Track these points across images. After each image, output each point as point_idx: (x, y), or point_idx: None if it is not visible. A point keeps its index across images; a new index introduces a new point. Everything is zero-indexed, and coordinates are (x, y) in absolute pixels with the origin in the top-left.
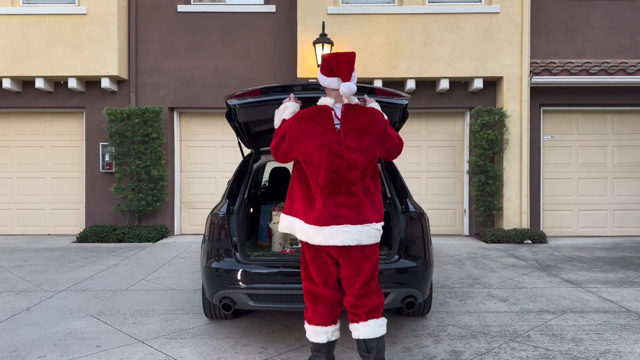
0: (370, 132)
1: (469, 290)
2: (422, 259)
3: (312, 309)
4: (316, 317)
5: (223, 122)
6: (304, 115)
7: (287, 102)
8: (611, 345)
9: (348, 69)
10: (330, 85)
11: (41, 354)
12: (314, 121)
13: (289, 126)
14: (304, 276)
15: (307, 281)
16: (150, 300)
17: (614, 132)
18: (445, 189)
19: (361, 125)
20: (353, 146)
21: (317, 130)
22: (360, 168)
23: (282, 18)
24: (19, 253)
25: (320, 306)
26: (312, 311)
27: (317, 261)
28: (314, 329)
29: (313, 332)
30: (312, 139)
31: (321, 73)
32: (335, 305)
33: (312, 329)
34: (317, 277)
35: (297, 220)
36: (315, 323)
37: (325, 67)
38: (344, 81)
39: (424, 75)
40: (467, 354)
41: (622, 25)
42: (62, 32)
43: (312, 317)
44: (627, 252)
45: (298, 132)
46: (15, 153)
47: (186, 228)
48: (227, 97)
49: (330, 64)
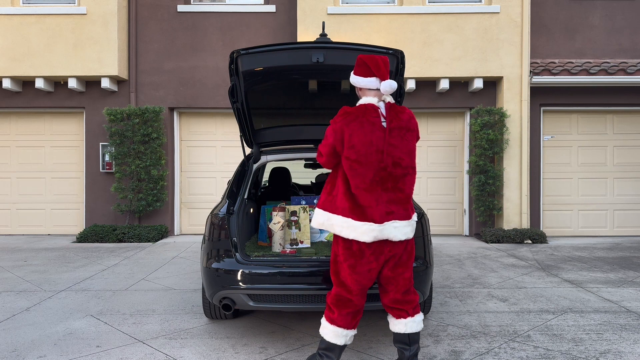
0: (412, 129)
1: (469, 290)
2: (422, 259)
3: (339, 312)
4: (342, 320)
5: (223, 122)
6: (350, 113)
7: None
8: (611, 345)
9: (385, 69)
10: (368, 85)
11: (41, 354)
12: (362, 118)
13: (334, 122)
14: (336, 281)
15: (340, 287)
16: (150, 300)
17: (614, 132)
18: (445, 189)
19: (404, 123)
20: (398, 144)
21: (366, 127)
22: (405, 164)
23: (282, 18)
24: (19, 253)
25: (348, 310)
26: (338, 314)
27: (359, 269)
28: (337, 331)
29: (334, 333)
30: (361, 136)
31: (357, 75)
32: (361, 310)
33: (334, 330)
34: (353, 285)
35: (338, 217)
36: (340, 325)
37: (363, 69)
38: (383, 80)
39: (424, 75)
40: (467, 354)
41: (622, 25)
42: (62, 32)
43: (338, 319)
44: (627, 252)
45: (347, 129)
46: (15, 153)
47: (186, 228)
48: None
49: (369, 65)
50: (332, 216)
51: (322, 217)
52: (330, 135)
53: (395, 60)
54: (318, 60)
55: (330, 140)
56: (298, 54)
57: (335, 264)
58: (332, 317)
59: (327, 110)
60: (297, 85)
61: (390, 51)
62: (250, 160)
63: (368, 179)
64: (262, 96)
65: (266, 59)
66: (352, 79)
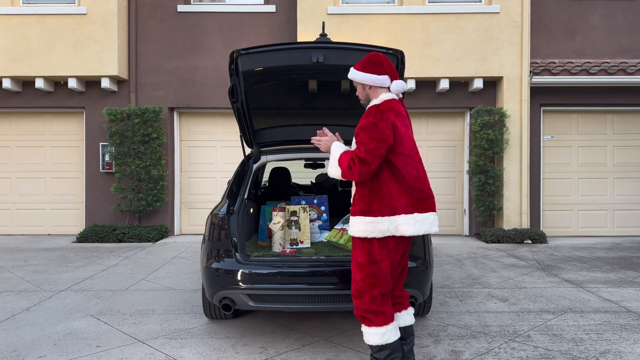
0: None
1: (469, 290)
2: (422, 259)
3: (384, 309)
4: (386, 317)
5: (223, 122)
6: (391, 108)
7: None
8: (611, 345)
9: (395, 68)
10: (382, 82)
11: (41, 354)
12: (400, 114)
13: (384, 118)
14: (373, 282)
15: (380, 286)
16: (150, 300)
17: (614, 132)
18: (445, 189)
19: (409, 119)
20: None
21: (405, 122)
22: (419, 156)
23: (282, 18)
24: (19, 253)
25: (388, 305)
26: (383, 316)
27: (395, 263)
28: (392, 326)
29: (393, 329)
30: (404, 129)
31: (369, 72)
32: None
33: (391, 327)
34: (391, 280)
35: (402, 216)
36: (392, 320)
37: (377, 66)
38: (394, 79)
39: (424, 75)
40: (467, 354)
41: (622, 25)
42: (62, 32)
43: (390, 317)
44: (627, 252)
45: (396, 123)
46: (15, 153)
47: (186, 228)
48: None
49: (383, 63)
50: (396, 218)
51: (384, 224)
52: (383, 132)
53: (395, 60)
54: (318, 60)
55: (385, 135)
56: (298, 54)
57: (370, 265)
58: (384, 316)
59: (327, 110)
60: (297, 85)
61: (390, 51)
62: (250, 160)
63: (422, 171)
64: (262, 96)
65: (266, 59)
66: (363, 76)
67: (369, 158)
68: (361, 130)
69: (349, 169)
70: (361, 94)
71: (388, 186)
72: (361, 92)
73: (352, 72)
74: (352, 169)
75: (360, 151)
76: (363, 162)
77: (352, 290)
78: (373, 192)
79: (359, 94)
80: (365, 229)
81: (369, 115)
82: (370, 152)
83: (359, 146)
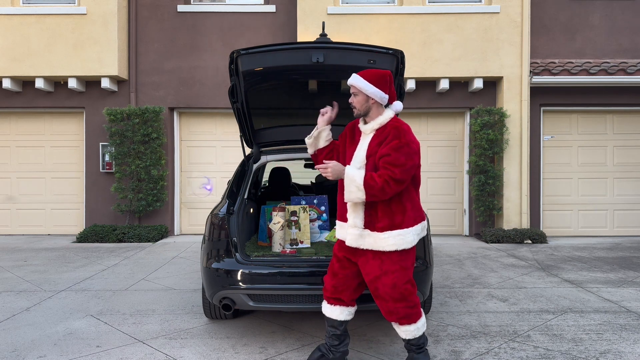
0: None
1: (469, 290)
2: (422, 260)
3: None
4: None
5: (223, 122)
6: (409, 128)
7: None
8: (611, 345)
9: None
10: (384, 100)
11: (41, 354)
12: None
13: (416, 142)
14: (413, 286)
15: (415, 286)
16: (150, 300)
17: (614, 132)
18: (445, 189)
19: None
20: None
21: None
22: None
23: (282, 18)
24: (19, 253)
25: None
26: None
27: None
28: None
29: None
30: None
31: (379, 88)
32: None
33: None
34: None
35: (425, 221)
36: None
37: (387, 85)
38: (394, 99)
39: (423, 75)
40: (467, 354)
41: (622, 25)
42: (62, 32)
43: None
44: (627, 252)
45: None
46: (15, 153)
47: (186, 228)
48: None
49: (391, 84)
50: (424, 222)
51: (418, 229)
52: (417, 152)
53: (395, 60)
54: (318, 60)
55: (419, 155)
56: (298, 54)
57: (410, 270)
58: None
59: None
60: (297, 85)
61: (390, 51)
62: (250, 160)
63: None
64: (262, 96)
65: (266, 59)
66: (375, 90)
67: (406, 177)
68: (394, 151)
69: (382, 191)
70: (360, 105)
71: (411, 198)
72: (362, 103)
73: (362, 82)
74: (387, 190)
75: (395, 173)
76: (400, 182)
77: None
78: (399, 207)
79: (358, 103)
80: (420, 232)
81: (396, 137)
82: (407, 171)
83: (394, 168)
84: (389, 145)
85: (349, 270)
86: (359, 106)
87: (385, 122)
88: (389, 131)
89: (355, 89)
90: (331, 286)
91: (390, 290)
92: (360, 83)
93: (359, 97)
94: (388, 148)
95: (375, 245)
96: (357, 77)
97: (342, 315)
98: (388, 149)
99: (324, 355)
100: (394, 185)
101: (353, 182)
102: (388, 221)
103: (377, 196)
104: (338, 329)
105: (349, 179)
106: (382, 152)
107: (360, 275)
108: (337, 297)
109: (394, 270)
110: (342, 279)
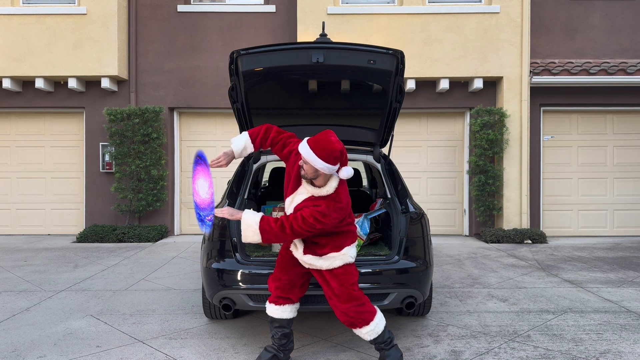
0: None
1: (469, 290)
2: (422, 260)
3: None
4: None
5: (223, 122)
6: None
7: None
8: (611, 345)
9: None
10: (333, 171)
11: (41, 354)
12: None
13: (343, 208)
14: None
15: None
16: (150, 300)
17: (614, 132)
18: (445, 189)
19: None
20: None
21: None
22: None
23: (282, 18)
24: (19, 253)
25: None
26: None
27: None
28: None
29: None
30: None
31: (329, 164)
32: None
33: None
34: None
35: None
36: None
37: (337, 160)
38: (344, 165)
39: (423, 75)
40: (467, 354)
41: (622, 25)
42: (62, 32)
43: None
44: (627, 252)
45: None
46: (15, 153)
47: (186, 228)
48: (232, 52)
49: (343, 158)
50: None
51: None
52: (326, 225)
53: (395, 60)
54: (318, 60)
55: (326, 227)
56: (298, 54)
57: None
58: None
59: (327, 110)
60: (297, 85)
61: (390, 51)
62: (250, 160)
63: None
64: (262, 96)
65: (266, 59)
66: (322, 165)
67: (304, 234)
68: (311, 212)
69: (277, 237)
70: (310, 173)
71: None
72: (311, 172)
73: (311, 156)
74: (281, 236)
75: (299, 225)
76: (297, 234)
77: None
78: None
79: (307, 170)
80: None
81: (324, 204)
82: (308, 231)
83: (301, 221)
84: (314, 204)
85: (298, 268)
86: (308, 173)
87: (327, 194)
88: (324, 198)
89: (304, 159)
90: (281, 285)
91: (337, 291)
92: (310, 157)
93: (308, 166)
94: (311, 205)
95: (341, 261)
96: (307, 150)
97: (292, 313)
98: (310, 205)
99: (275, 356)
100: (290, 233)
101: (249, 227)
102: (347, 243)
103: (272, 240)
104: (287, 328)
105: (245, 224)
106: (306, 204)
107: (305, 274)
108: (286, 297)
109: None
110: (293, 276)
